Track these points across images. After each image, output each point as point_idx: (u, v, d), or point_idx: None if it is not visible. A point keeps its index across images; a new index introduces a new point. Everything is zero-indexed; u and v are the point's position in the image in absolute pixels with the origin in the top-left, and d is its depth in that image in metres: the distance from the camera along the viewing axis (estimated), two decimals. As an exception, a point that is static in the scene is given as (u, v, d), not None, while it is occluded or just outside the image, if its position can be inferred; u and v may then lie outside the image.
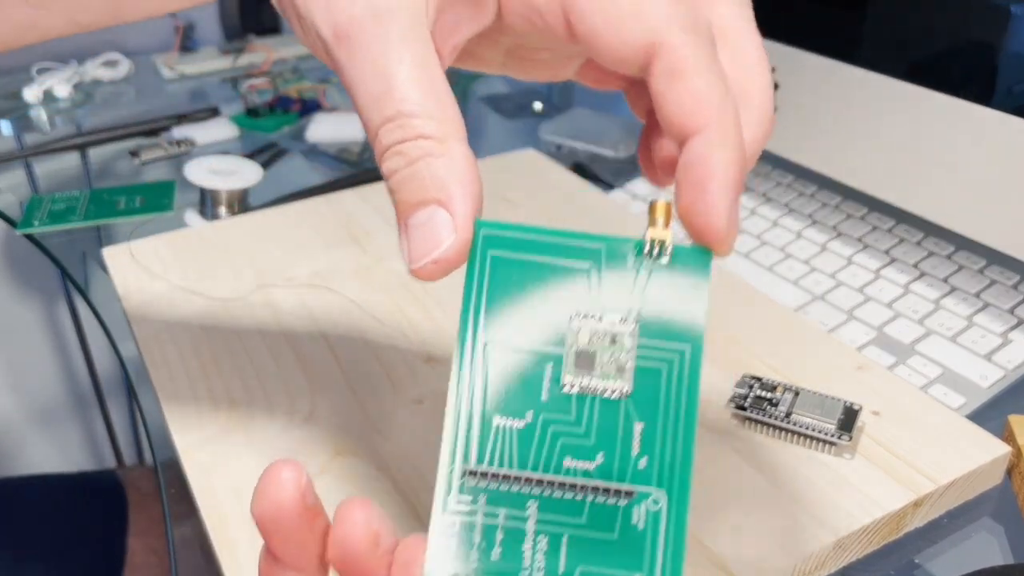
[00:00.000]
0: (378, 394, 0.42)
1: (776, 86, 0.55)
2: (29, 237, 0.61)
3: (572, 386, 0.22)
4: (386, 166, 0.22)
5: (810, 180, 0.60)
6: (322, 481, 0.37)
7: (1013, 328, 0.46)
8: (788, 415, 0.38)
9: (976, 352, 0.45)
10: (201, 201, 0.64)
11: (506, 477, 0.21)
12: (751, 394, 0.40)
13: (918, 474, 0.37)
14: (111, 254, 0.54)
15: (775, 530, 0.34)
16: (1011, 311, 0.47)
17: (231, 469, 0.38)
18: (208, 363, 0.44)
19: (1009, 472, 0.39)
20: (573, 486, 0.21)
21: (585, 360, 0.22)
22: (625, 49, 0.23)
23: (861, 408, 0.39)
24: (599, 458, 0.22)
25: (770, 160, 0.63)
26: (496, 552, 0.21)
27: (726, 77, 0.23)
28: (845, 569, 0.35)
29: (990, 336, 0.46)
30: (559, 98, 0.87)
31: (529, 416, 0.22)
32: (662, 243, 0.23)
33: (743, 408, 0.39)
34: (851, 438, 0.37)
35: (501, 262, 0.23)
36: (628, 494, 0.21)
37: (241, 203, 0.64)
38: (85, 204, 0.63)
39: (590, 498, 0.21)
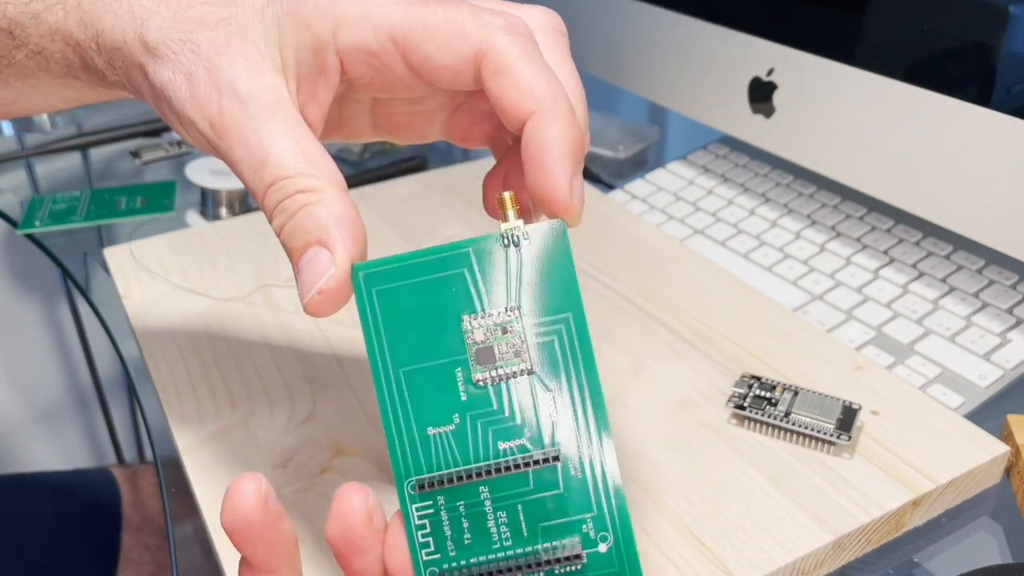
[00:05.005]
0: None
1: (776, 86, 0.56)
2: (30, 237, 0.61)
3: (483, 381, 0.25)
4: (275, 224, 0.25)
5: (809, 180, 0.60)
6: (323, 480, 0.37)
7: (1012, 328, 0.46)
8: (787, 414, 0.39)
9: (975, 352, 0.45)
10: (202, 201, 0.64)
11: (455, 476, 0.24)
12: (750, 393, 0.40)
13: (917, 473, 0.37)
14: (112, 254, 0.54)
15: (774, 529, 0.34)
16: (1009, 311, 0.47)
17: (232, 468, 0.38)
18: (209, 363, 0.45)
19: (1008, 471, 0.39)
20: (515, 464, 0.24)
21: (486, 354, 0.25)
22: (457, 63, 0.25)
23: (860, 408, 0.39)
24: (527, 432, 0.24)
25: (769, 160, 0.63)
26: (467, 538, 0.24)
27: (549, 68, 0.25)
28: (844, 568, 0.36)
29: (989, 336, 0.46)
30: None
31: (457, 418, 0.25)
32: (516, 230, 0.25)
33: (742, 407, 0.39)
34: (850, 438, 0.37)
35: (386, 293, 0.25)
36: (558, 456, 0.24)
37: (242, 203, 0.64)
38: (86, 204, 0.63)
39: (532, 468, 0.24)
